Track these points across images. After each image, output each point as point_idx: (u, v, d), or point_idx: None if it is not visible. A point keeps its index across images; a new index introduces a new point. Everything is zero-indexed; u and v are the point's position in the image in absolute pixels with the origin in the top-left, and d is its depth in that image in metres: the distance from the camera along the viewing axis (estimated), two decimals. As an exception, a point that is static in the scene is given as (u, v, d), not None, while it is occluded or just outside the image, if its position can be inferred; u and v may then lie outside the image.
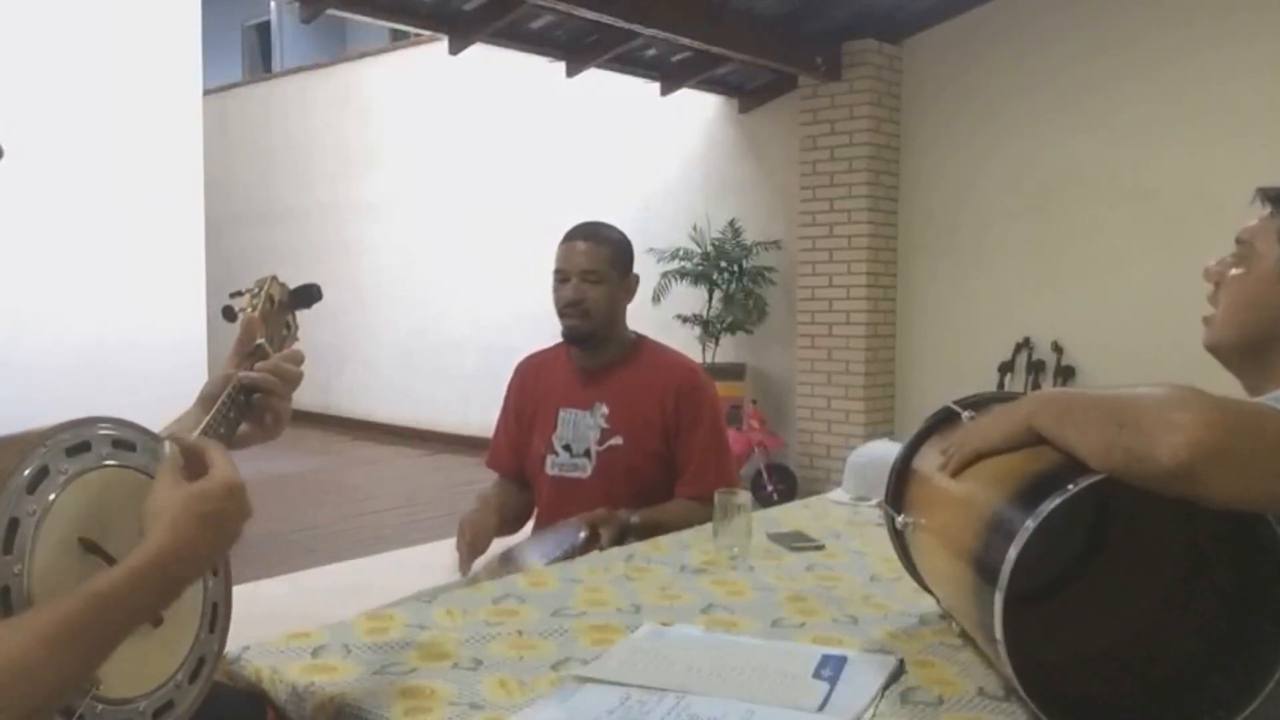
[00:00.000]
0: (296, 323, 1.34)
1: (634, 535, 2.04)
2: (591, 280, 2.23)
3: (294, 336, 1.33)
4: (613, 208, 5.91)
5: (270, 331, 1.26)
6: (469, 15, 5.52)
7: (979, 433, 1.20)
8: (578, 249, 2.25)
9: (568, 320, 2.25)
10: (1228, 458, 0.91)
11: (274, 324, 1.28)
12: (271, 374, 1.20)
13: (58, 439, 0.93)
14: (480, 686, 1.20)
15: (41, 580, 0.88)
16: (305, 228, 9.52)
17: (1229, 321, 1.25)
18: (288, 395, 1.22)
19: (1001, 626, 0.98)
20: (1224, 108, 5.02)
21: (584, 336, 2.26)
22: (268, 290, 1.26)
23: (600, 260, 2.24)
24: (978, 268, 5.90)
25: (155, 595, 0.92)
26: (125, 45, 5.53)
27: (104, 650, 0.87)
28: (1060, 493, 0.98)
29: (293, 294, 1.32)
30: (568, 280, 2.24)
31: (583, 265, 2.23)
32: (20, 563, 0.87)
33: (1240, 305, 1.24)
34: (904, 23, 5.95)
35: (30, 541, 0.88)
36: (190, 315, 5.62)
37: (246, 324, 1.22)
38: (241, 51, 13.89)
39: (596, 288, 2.23)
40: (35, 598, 0.87)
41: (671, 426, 2.24)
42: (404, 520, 5.87)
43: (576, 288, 2.22)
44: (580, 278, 2.22)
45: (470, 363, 8.27)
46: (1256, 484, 0.92)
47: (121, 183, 5.50)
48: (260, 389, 1.19)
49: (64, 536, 0.91)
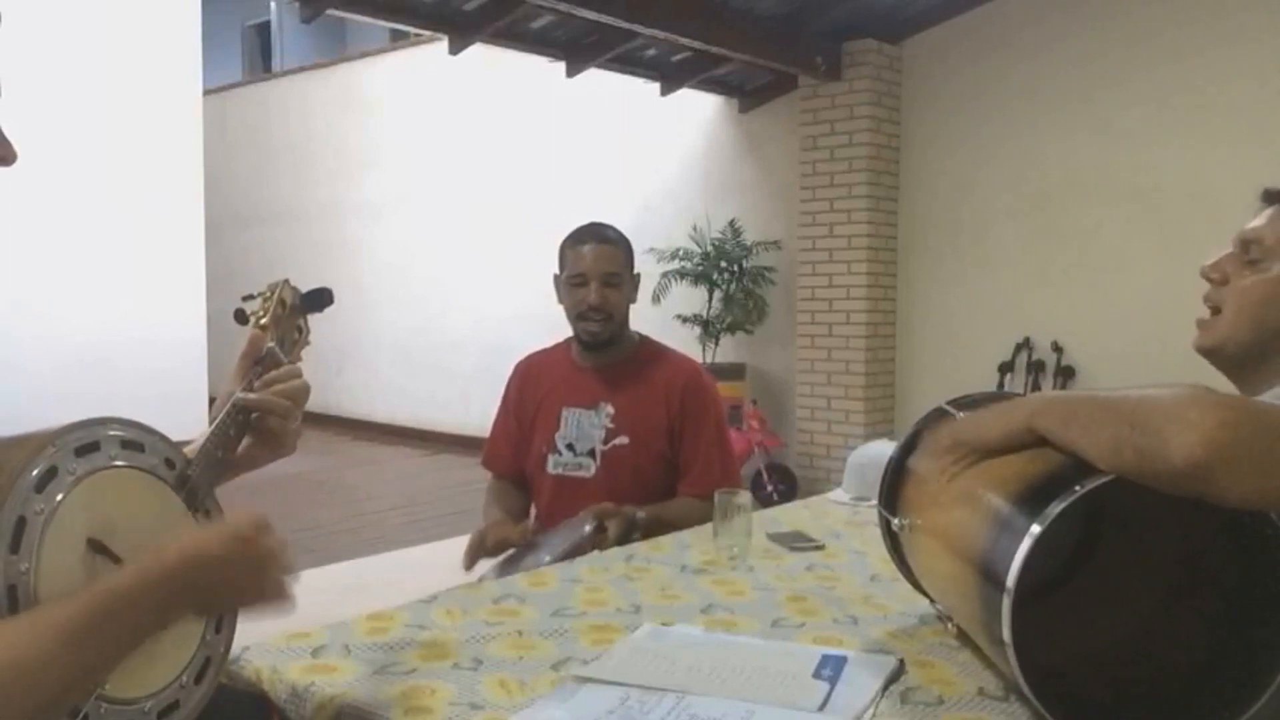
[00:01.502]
0: (308, 327, 1.33)
1: (639, 532, 2.05)
2: (613, 284, 2.22)
3: (305, 341, 1.32)
4: (613, 208, 5.92)
5: (281, 335, 1.25)
6: (469, 15, 5.52)
7: (974, 429, 1.18)
8: (597, 253, 2.23)
9: (590, 325, 2.23)
10: (1242, 456, 0.90)
11: (285, 328, 1.27)
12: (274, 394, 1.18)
13: (67, 439, 0.93)
14: (480, 686, 1.20)
15: (48, 580, 0.88)
16: (305, 228, 9.52)
17: (1241, 321, 1.24)
18: (291, 414, 1.20)
19: (1010, 629, 0.98)
20: (1224, 108, 5.02)
21: (606, 341, 2.25)
22: (279, 294, 1.26)
23: (618, 263, 2.24)
24: (978, 268, 5.90)
25: (163, 603, 0.91)
26: (125, 45, 5.54)
27: (112, 652, 0.87)
28: (1067, 495, 0.98)
29: (304, 298, 1.31)
30: (587, 284, 2.21)
31: (605, 269, 2.22)
32: (27, 562, 0.87)
33: (1258, 302, 1.22)
34: (904, 23, 5.95)
35: (37, 541, 0.88)
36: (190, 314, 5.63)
37: (252, 337, 1.20)
38: (241, 51, 13.90)
39: (617, 291, 2.23)
40: (42, 597, 0.87)
41: (677, 425, 2.25)
42: (404, 520, 5.87)
43: (600, 292, 2.21)
44: (602, 281, 2.21)
45: (470, 362, 8.27)
46: (1271, 482, 0.91)
47: (122, 182, 5.51)
48: (260, 409, 1.17)
49: (72, 537, 0.91)
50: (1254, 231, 1.25)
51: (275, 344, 1.22)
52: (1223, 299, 1.27)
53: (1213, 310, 1.29)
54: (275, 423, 1.19)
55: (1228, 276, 1.27)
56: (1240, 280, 1.25)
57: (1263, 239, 1.23)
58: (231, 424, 1.15)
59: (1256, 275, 1.23)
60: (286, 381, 1.20)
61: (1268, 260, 1.22)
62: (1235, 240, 1.28)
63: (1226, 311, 1.26)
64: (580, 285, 2.22)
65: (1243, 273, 1.25)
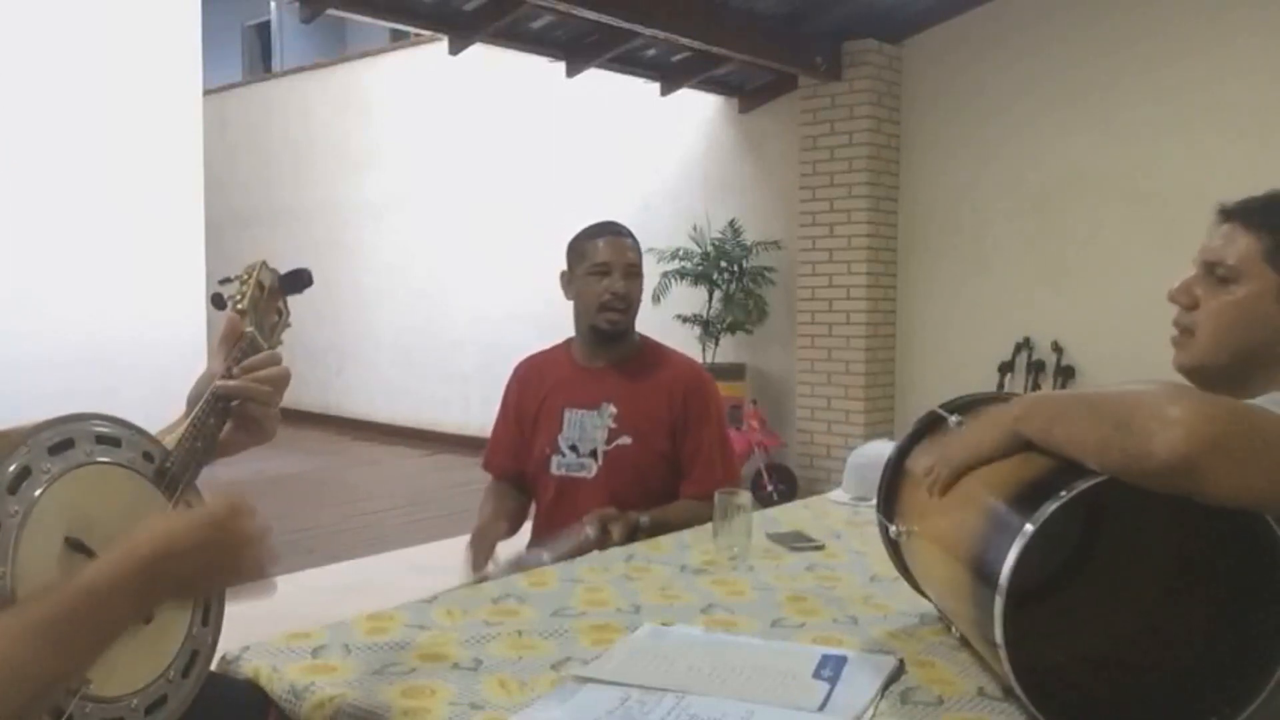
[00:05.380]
0: (288, 309, 1.30)
1: (643, 535, 2.05)
2: (634, 274, 2.25)
3: (285, 323, 1.29)
4: (613, 208, 5.89)
5: (260, 319, 1.22)
6: (469, 15, 5.52)
7: (965, 444, 1.19)
8: (619, 244, 2.26)
9: (612, 314, 2.23)
10: (1226, 451, 0.91)
11: (265, 311, 1.23)
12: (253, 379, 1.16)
13: (39, 438, 0.92)
14: (480, 686, 1.20)
15: (25, 582, 0.87)
16: (305, 228, 9.51)
17: (1215, 344, 1.23)
18: (272, 400, 1.18)
19: (1002, 630, 0.98)
20: (1224, 108, 5.02)
21: (623, 331, 2.27)
22: (257, 276, 1.22)
23: (636, 256, 2.27)
24: (978, 268, 5.89)
25: (140, 592, 0.90)
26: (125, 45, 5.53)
27: (92, 646, 0.86)
28: (1056, 498, 0.98)
29: (283, 280, 1.28)
30: (610, 274, 2.23)
31: (629, 259, 2.25)
32: (3, 565, 0.86)
33: (1232, 326, 1.22)
34: (904, 23, 5.95)
35: (12, 543, 0.87)
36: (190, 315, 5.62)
37: (230, 321, 1.18)
38: (241, 51, 13.90)
39: (635, 282, 2.26)
40: (20, 600, 0.86)
41: (679, 425, 2.25)
42: (404, 520, 5.87)
43: (624, 282, 2.23)
44: (624, 271, 2.23)
45: (470, 363, 8.27)
46: (1255, 479, 0.92)
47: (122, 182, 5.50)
48: (239, 397, 1.15)
49: (48, 536, 0.90)
50: (1215, 253, 1.24)
51: (254, 328, 1.19)
52: (1194, 322, 1.26)
53: (1183, 332, 1.28)
54: (255, 409, 1.17)
55: (1197, 300, 1.26)
56: (1211, 302, 1.24)
57: (1225, 259, 1.23)
58: (211, 413, 1.12)
59: (1226, 297, 1.22)
60: (266, 368, 1.18)
61: (1235, 281, 1.22)
62: (1197, 262, 1.27)
63: (1200, 334, 1.25)
64: (603, 275, 2.23)
65: (1213, 294, 1.24)
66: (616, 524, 2.03)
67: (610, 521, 2.04)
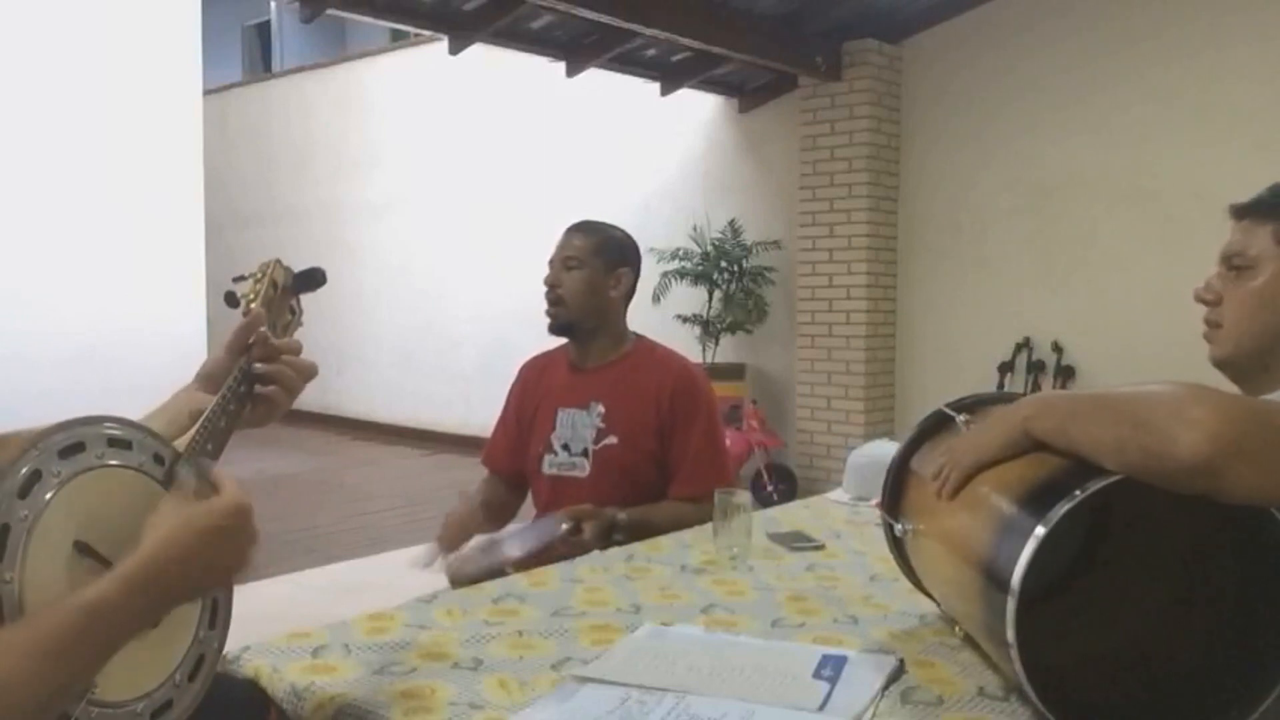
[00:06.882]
0: (301, 307, 1.31)
1: (621, 533, 2.03)
2: (570, 266, 2.25)
3: (298, 322, 1.30)
4: (613, 208, 5.91)
5: (273, 317, 1.22)
6: (469, 15, 5.52)
7: (973, 445, 1.19)
8: (565, 239, 2.29)
9: (547, 309, 2.27)
10: (1249, 451, 0.91)
11: (277, 309, 1.24)
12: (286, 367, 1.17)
13: (50, 441, 0.90)
14: (480, 686, 1.20)
15: (34, 587, 0.86)
16: (305, 227, 9.51)
17: (1241, 332, 1.26)
18: (298, 388, 1.19)
19: (1014, 630, 0.98)
20: (1223, 108, 5.02)
21: (564, 325, 2.27)
22: (271, 275, 1.23)
23: (580, 249, 2.26)
24: (978, 268, 5.90)
25: (148, 604, 0.90)
26: (125, 45, 5.53)
27: (98, 660, 0.86)
28: (1069, 498, 0.98)
29: (296, 278, 1.29)
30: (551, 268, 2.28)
31: (563, 253, 2.27)
32: (11, 571, 0.84)
33: (1254, 309, 1.25)
34: (904, 23, 5.95)
35: (22, 548, 0.85)
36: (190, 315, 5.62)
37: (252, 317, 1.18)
38: (241, 51, 13.89)
39: (571, 274, 2.24)
40: (28, 605, 0.85)
41: (666, 426, 2.23)
42: (404, 520, 5.87)
43: (554, 274, 2.26)
44: (561, 264, 2.26)
45: (470, 362, 8.27)
46: (1275, 478, 0.92)
47: (122, 182, 5.50)
48: (273, 381, 1.17)
49: (58, 541, 0.89)
50: (1232, 246, 1.28)
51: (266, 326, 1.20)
52: (1220, 316, 1.29)
53: (1212, 327, 1.31)
54: (278, 394, 1.18)
55: (1220, 295, 1.29)
56: (1234, 293, 1.27)
57: (1244, 250, 1.26)
58: (234, 398, 1.13)
59: (1248, 285, 1.26)
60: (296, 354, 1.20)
61: (1254, 269, 1.25)
62: (1219, 259, 1.31)
63: (1227, 325, 1.28)
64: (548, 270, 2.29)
65: (1235, 286, 1.27)
66: (590, 522, 2.01)
67: (585, 518, 2.02)
